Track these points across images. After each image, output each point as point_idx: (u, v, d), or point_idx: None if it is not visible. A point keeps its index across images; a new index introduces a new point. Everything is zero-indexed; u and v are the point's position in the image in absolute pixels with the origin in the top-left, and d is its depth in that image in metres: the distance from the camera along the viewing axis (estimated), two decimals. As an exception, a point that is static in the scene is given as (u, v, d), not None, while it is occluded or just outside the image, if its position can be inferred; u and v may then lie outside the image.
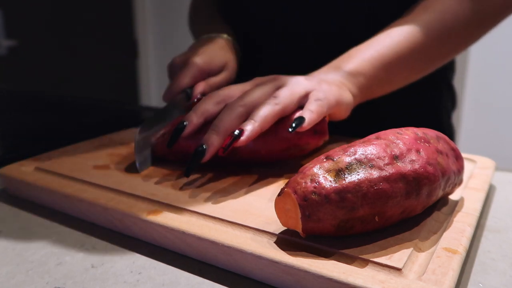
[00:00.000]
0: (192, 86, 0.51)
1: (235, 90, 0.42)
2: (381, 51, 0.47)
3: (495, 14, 0.51)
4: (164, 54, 2.66)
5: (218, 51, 0.54)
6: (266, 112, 0.38)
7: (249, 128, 0.37)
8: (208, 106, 0.41)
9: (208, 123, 0.41)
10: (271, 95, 0.41)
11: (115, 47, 2.53)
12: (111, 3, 2.49)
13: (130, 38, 2.65)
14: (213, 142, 0.38)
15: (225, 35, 0.59)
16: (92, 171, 0.41)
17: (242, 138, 0.37)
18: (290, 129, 0.38)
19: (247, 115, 0.39)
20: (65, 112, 0.76)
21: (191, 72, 0.50)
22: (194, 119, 0.40)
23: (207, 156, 0.38)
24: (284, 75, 0.44)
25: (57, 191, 0.37)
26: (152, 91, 2.76)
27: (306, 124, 0.38)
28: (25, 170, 0.42)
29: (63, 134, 0.60)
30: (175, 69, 0.53)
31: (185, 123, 0.40)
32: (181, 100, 0.50)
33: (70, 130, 0.62)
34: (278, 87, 0.41)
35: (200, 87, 0.50)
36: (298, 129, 0.38)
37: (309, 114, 0.39)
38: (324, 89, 0.42)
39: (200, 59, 0.51)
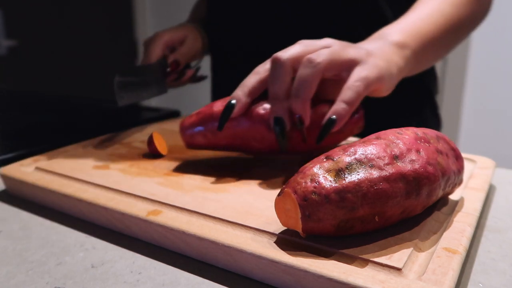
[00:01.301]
0: (163, 57, 0.61)
1: None
2: (422, 30, 0.47)
3: (484, 9, 0.57)
4: (164, 54, 2.66)
5: (178, 28, 0.65)
6: (303, 77, 0.37)
7: (300, 110, 0.37)
8: (254, 83, 0.40)
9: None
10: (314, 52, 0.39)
11: (115, 47, 2.53)
12: (111, 3, 2.49)
13: (130, 38, 2.65)
14: (280, 111, 0.38)
15: (194, 24, 0.69)
16: (92, 171, 0.41)
17: (305, 124, 0.38)
18: (317, 140, 0.37)
19: (293, 70, 0.38)
20: (65, 112, 0.76)
21: (158, 44, 0.61)
22: (242, 97, 0.39)
23: (288, 126, 0.38)
24: (329, 38, 0.42)
25: (57, 191, 0.37)
26: (152, 91, 2.75)
27: (337, 125, 0.37)
28: (25, 170, 0.42)
29: (63, 134, 0.60)
30: (145, 46, 0.62)
31: (233, 101, 0.39)
32: (156, 67, 0.59)
33: (70, 130, 0.62)
34: (324, 47, 0.40)
35: (172, 57, 0.62)
36: (332, 130, 0.37)
37: (341, 109, 0.37)
38: (370, 63, 0.39)
39: (165, 33, 0.62)
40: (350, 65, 0.38)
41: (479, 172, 0.41)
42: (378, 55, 0.41)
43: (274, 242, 0.28)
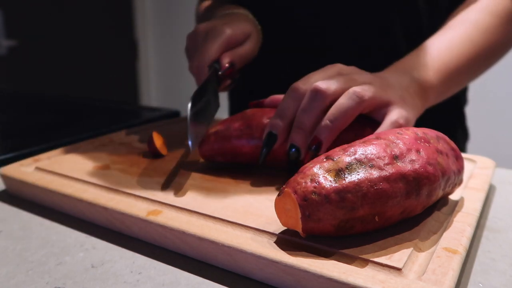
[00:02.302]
0: (217, 59, 0.47)
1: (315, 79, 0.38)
2: (447, 63, 0.46)
3: None
4: (164, 54, 2.66)
5: (242, 22, 0.51)
6: (343, 107, 0.35)
7: (326, 138, 0.35)
8: (291, 106, 0.38)
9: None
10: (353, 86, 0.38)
11: (115, 48, 2.53)
12: (111, 3, 2.49)
13: (130, 39, 2.65)
14: (301, 142, 0.36)
15: (245, 12, 0.56)
16: (92, 171, 0.41)
17: (321, 151, 0.35)
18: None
19: (330, 106, 0.37)
20: (65, 112, 0.76)
21: (219, 41, 0.46)
22: (284, 130, 0.37)
23: (303, 156, 0.36)
24: (365, 72, 0.41)
25: (57, 191, 0.37)
26: (152, 91, 2.75)
27: None
28: (25, 170, 0.42)
29: (63, 134, 0.60)
30: (199, 38, 0.48)
31: (274, 132, 0.37)
32: (211, 76, 0.46)
33: (70, 130, 0.62)
34: (362, 83, 0.38)
35: (227, 57, 0.47)
36: None
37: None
38: (404, 110, 0.38)
39: (228, 27, 0.47)
40: (386, 105, 0.38)
41: (479, 172, 0.41)
42: (407, 100, 0.40)
43: (274, 242, 0.28)
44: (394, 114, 0.37)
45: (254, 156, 0.40)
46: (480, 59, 0.49)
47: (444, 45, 0.47)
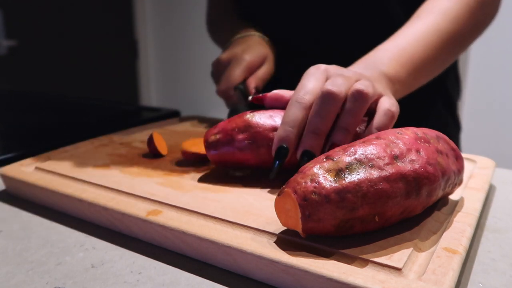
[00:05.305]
0: (242, 82, 0.55)
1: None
2: (414, 55, 0.47)
3: (491, 16, 0.55)
4: (164, 54, 2.66)
5: (258, 46, 0.58)
6: (356, 111, 0.36)
7: (344, 143, 0.36)
8: (299, 116, 0.37)
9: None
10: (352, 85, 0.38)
11: (115, 47, 2.53)
12: (111, 3, 2.49)
13: (130, 38, 2.65)
14: (317, 147, 0.36)
15: (257, 33, 0.62)
16: (92, 171, 0.41)
17: None
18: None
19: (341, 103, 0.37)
20: (65, 112, 0.76)
21: (241, 67, 0.54)
22: (294, 141, 0.37)
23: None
24: (345, 68, 0.41)
25: (57, 191, 0.37)
26: (152, 91, 2.75)
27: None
28: (25, 170, 0.42)
29: (63, 134, 0.60)
30: (222, 66, 0.56)
31: (284, 145, 0.36)
32: (239, 97, 0.53)
33: (70, 130, 0.62)
34: (355, 81, 0.39)
35: (252, 83, 0.54)
36: None
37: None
38: (391, 96, 0.40)
39: (248, 55, 0.55)
40: (379, 98, 0.39)
41: (479, 172, 0.41)
42: (387, 91, 0.41)
43: (274, 242, 0.28)
44: (385, 103, 0.38)
45: (260, 165, 0.40)
46: (448, 48, 0.50)
47: (412, 37, 0.48)
